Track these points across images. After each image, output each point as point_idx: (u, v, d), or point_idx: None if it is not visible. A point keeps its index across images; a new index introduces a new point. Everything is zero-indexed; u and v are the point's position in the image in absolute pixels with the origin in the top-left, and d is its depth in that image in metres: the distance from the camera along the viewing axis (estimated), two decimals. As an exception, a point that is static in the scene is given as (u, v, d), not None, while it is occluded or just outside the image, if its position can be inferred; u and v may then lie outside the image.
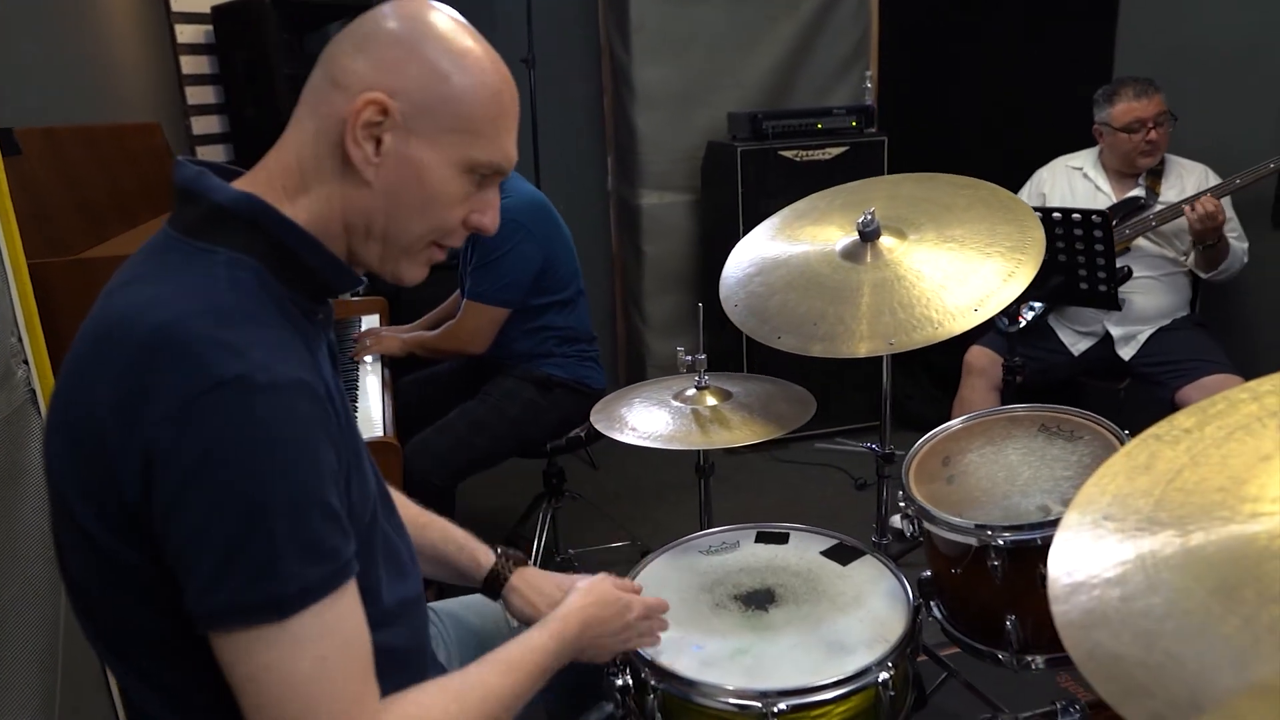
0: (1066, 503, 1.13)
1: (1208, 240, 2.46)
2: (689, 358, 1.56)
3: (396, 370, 2.36)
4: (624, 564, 2.68)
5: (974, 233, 1.48)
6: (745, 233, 3.17)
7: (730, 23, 3.51)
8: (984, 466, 1.25)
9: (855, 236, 1.52)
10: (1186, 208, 2.43)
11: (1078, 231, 2.21)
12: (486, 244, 2.20)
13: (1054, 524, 1.09)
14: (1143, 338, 2.71)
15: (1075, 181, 2.84)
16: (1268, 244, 2.82)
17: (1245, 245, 2.62)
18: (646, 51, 3.49)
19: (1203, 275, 2.60)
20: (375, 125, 0.83)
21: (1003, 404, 2.63)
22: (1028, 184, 2.96)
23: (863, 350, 1.35)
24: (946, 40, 3.40)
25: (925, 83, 3.46)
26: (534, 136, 3.41)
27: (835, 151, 3.26)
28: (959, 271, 1.41)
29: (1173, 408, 2.60)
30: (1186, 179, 2.69)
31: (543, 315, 2.31)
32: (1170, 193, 2.68)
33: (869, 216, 1.49)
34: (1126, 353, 2.72)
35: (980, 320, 1.33)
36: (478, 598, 1.24)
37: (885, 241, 1.51)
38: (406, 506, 1.17)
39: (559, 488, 2.52)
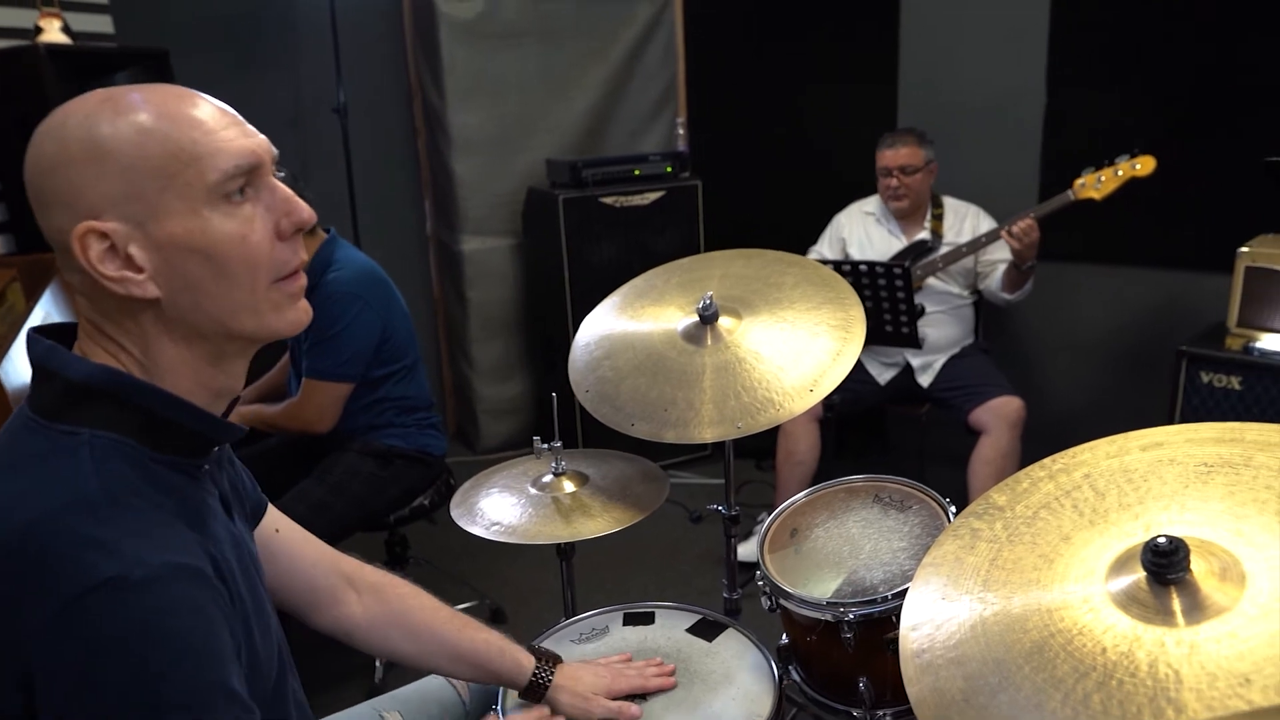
0: (906, 575, 1.26)
1: (1027, 260, 2.74)
2: (545, 445, 1.58)
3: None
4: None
5: (802, 312, 1.60)
6: (570, 277, 3.32)
7: (542, 68, 3.56)
8: (829, 540, 1.37)
9: (695, 318, 1.60)
10: (1005, 233, 2.70)
11: (881, 281, 2.42)
12: (323, 319, 2.12)
13: (899, 596, 1.22)
14: (938, 365, 3.00)
15: (870, 226, 3.11)
16: (1037, 276, 3.19)
17: None
18: (460, 95, 3.48)
19: (1006, 296, 2.91)
20: (110, 250, 0.77)
21: (823, 434, 2.85)
22: (828, 229, 3.21)
23: (711, 435, 1.43)
24: (750, 86, 3.60)
25: (733, 127, 3.66)
26: (349, 182, 3.31)
27: (653, 196, 3.38)
28: (793, 351, 1.52)
29: (966, 427, 2.93)
30: (964, 220, 3.02)
31: (381, 386, 2.26)
32: (950, 233, 2.99)
33: (708, 301, 1.57)
34: (925, 380, 3.00)
35: (816, 400, 1.44)
36: (433, 682, 1.26)
37: (724, 322, 1.60)
38: (439, 609, 1.17)
39: (403, 555, 2.47)
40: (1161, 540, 0.87)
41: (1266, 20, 2.67)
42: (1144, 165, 2.65)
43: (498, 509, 1.52)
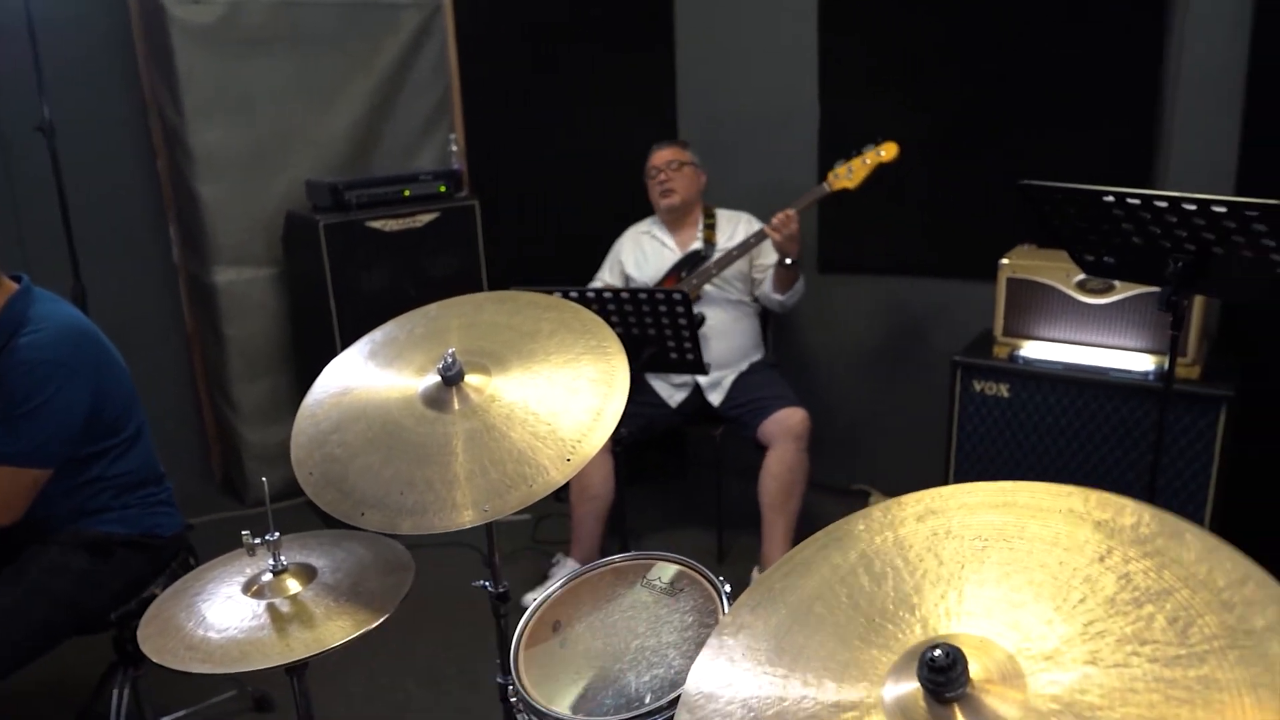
0: (674, 680, 1.12)
1: (789, 254, 2.75)
2: (256, 540, 1.33)
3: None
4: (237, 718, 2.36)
5: (560, 365, 1.44)
6: (338, 308, 3.02)
7: (297, 79, 3.23)
8: (594, 637, 1.21)
9: (438, 379, 1.40)
10: (767, 227, 2.74)
11: (663, 308, 2.32)
12: (14, 392, 1.75)
13: (671, 705, 1.08)
14: (727, 383, 2.95)
15: (645, 244, 3.06)
16: (817, 287, 3.21)
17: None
18: (201, 110, 3.10)
19: (778, 297, 2.90)
20: None
21: (616, 462, 2.71)
22: (608, 257, 3.13)
23: (457, 521, 1.24)
24: (529, 100, 3.43)
25: (512, 143, 3.47)
26: (63, 213, 2.85)
27: (426, 219, 3.15)
28: (548, 414, 1.35)
29: (757, 444, 2.89)
30: (735, 227, 3.02)
31: (94, 465, 1.90)
32: (722, 239, 2.98)
33: (450, 359, 1.38)
34: (716, 398, 2.94)
35: (574, 470, 1.28)
36: None
37: (472, 381, 1.42)
38: None
39: (137, 654, 2.11)
40: (937, 653, 0.77)
41: (1026, 43, 2.77)
42: (888, 151, 2.75)
43: (198, 629, 1.26)
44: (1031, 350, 2.61)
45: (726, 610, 1.17)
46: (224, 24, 3.09)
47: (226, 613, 1.28)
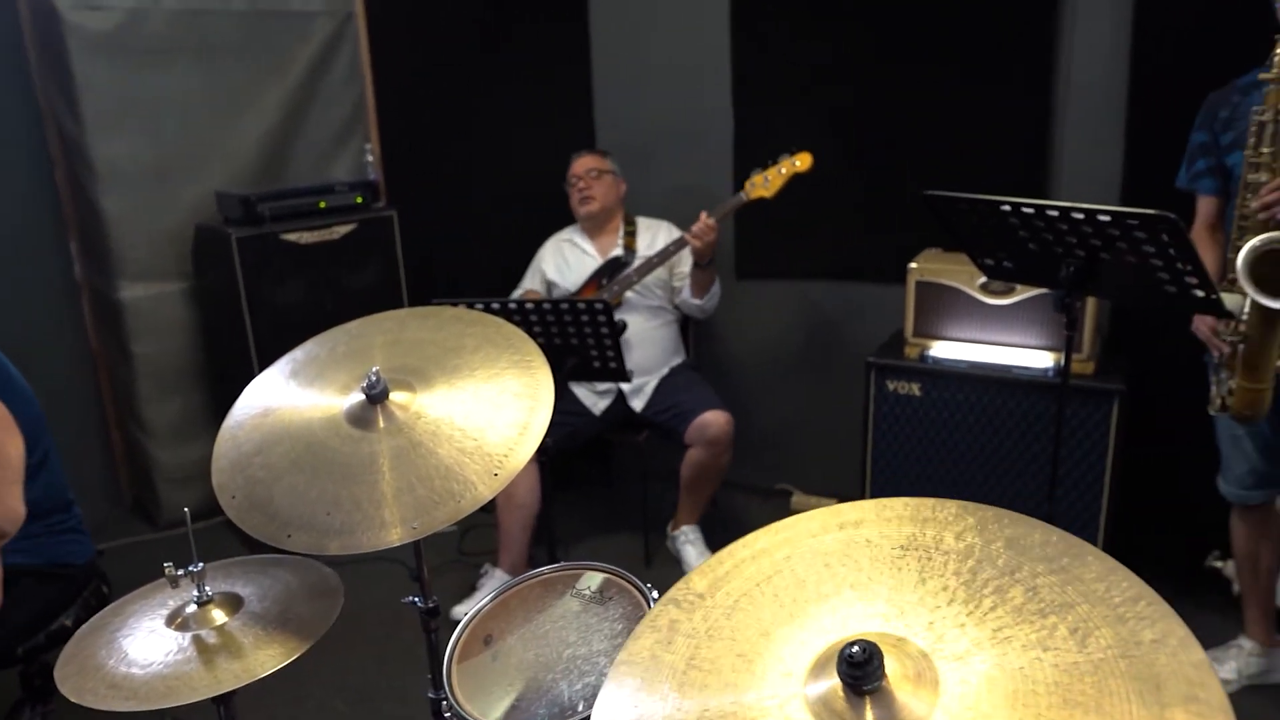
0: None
1: (705, 259, 2.83)
2: (180, 571, 1.31)
3: None
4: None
5: (485, 380, 1.45)
6: (253, 324, 2.96)
7: (205, 88, 3.15)
8: (525, 648, 1.23)
9: (362, 397, 1.40)
10: (688, 235, 2.79)
11: (584, 318, 2.34)
12: None
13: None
14: (650, 389, 2.99)
15: (566, 251, 3.08)
16: (735, 294, 3.28)
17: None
18: (101, 121, 2.99)
19: (697, 302, 2.96)
20: None
21: (542, 471, 2.71)
22: (531, 265, 3.15)
23: (386, 539, 1.24)
24: (446, 109, 3.41)
25: (431, 152, 3.44)
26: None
27: (343, 230, 3.10)
28: (474, 429, 1.37)
29: (683, 447, 2.94)
30: (655, 234, 3.07)
31: (-9, 494, 1.83)
32: (644, 248, 3.04)
33: (374, 378, 1.38)
34: (639, 404, 2.98)
35: (502, 485, 1.30)
36: None
37: (397, 398, 1.42)
38: None
39: (45, 689, 2.04)
40: (855, 649, 0.81)
41: (928, 57, 2.88)
42: (803, 161, 2.84)
43: (120, 665, 1.23)
44: (940, 350, 2.72)
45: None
46: (124, 31, 2.99)
47: (150, 647, 1.25)
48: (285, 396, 1.48)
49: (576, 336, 2.39)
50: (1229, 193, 2.02)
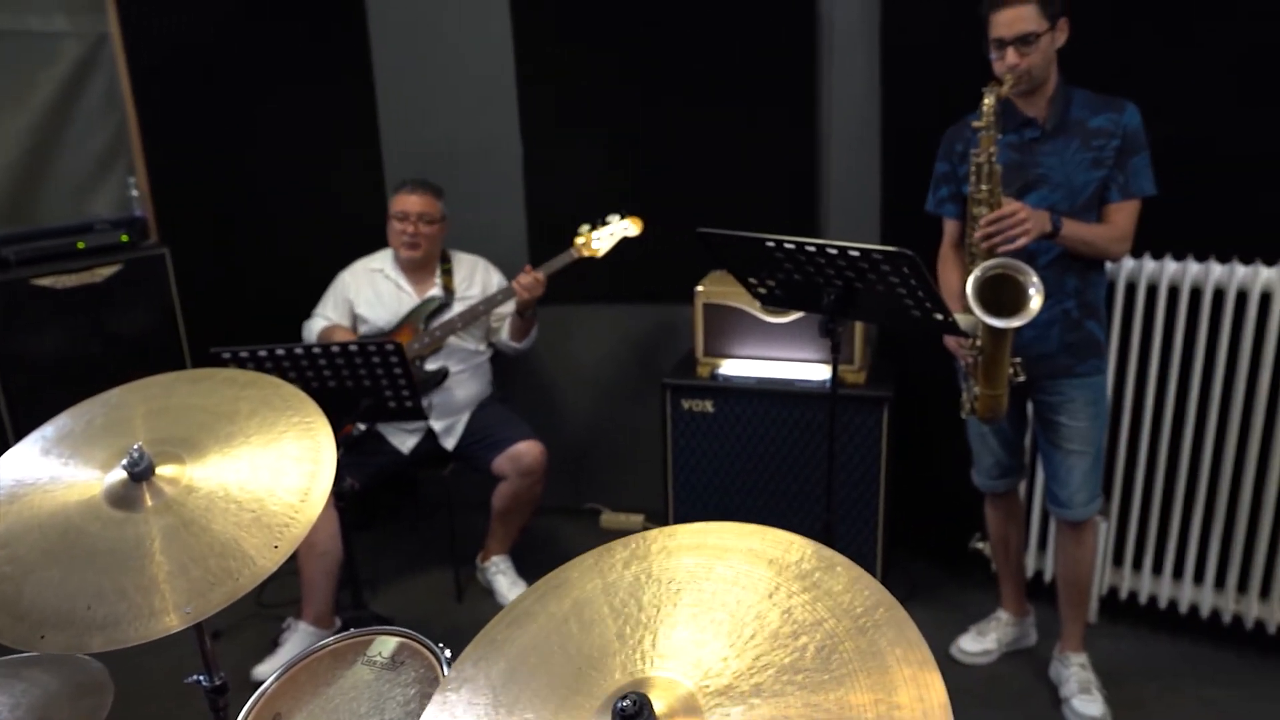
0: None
1: (528, 310, 2.87)
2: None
3: None
4: None
5: (262, 445, 1.41)
6: (5, 381, 2.69)
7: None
8: (315, 723, 1.21)
9: (125, 474, 1.32)
10: (515, 284, 2.80)
11: (375, 359, 2.30)
12: None
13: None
14: (460, 427, 2.97)
15: (379, 283, 2.98)
16: (540, 318, 3.31)
17: None
18: None
19: (517, 345, 3.00)
20: None
21: (341, 516, 2.62)
22: (331, 290, 3.02)
23: (161, 630, 1.18)
24: (220, 136, 3.22)
25: (204, 182, 3.24)
26: None
27: (107, 272, 2.87)
28: (252, 500, 1.32)
29: (493, 477, 2.94)
30: (474, 274, 3.03)
31: None
32: (461, 288, 2.98)
33: (136, 454, 1.31)
34: (450, 443, 2.96)
35: (283, 557, 1.27)
36: None
37: (165, 472, 1.35)
38: None
39: None
40: (626, 703, 0.85)
41: (702, 92, 3.01)
42: (635, 225, 2.91)
43: None
44: (729, 368, 2.88)
45: (446, 675, 1.21)
46: None
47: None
48: (36, 479, 1.37)
49: (369, 378, 2.34)
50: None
